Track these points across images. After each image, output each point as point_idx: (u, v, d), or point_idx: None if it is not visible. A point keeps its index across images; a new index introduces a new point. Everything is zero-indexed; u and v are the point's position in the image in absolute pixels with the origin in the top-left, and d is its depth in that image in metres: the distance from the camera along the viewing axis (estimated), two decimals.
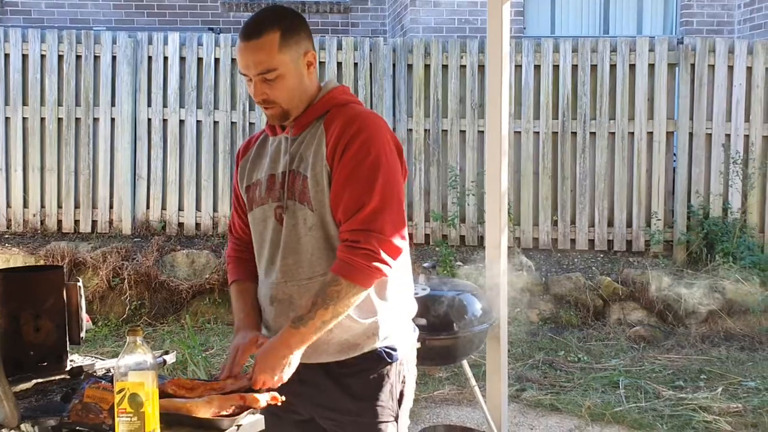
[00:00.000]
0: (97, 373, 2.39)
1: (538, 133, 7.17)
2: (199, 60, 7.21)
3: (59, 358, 2.45)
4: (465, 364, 3.58)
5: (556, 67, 7.16)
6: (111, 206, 7.20)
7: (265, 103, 2.06)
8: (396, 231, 2.00)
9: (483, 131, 6.99)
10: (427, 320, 3.15)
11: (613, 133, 7.16)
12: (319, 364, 2.09)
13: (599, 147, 7.16)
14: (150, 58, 7.21)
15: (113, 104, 7.19)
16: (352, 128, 2.02)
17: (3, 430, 1.91)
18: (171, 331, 6.22)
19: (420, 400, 4.75)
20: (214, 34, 7.42)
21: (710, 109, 7.15)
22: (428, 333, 3.07)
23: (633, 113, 7.15)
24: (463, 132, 7.19)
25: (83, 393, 1.97)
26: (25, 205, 7.19)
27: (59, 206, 7.20)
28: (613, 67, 7.15)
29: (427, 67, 7.20)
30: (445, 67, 7.19)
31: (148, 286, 6.54)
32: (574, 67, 7.15)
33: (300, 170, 2.07)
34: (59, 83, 7.17)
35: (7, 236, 7.06)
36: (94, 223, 7.21)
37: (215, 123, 7.22)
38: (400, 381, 2.14)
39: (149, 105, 7.21)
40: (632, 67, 7.14)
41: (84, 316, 2.57)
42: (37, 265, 6.03)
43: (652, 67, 7.14)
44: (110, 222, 7.20)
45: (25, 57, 7.17)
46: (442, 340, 3.27)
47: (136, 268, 6.54)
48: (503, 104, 3.46)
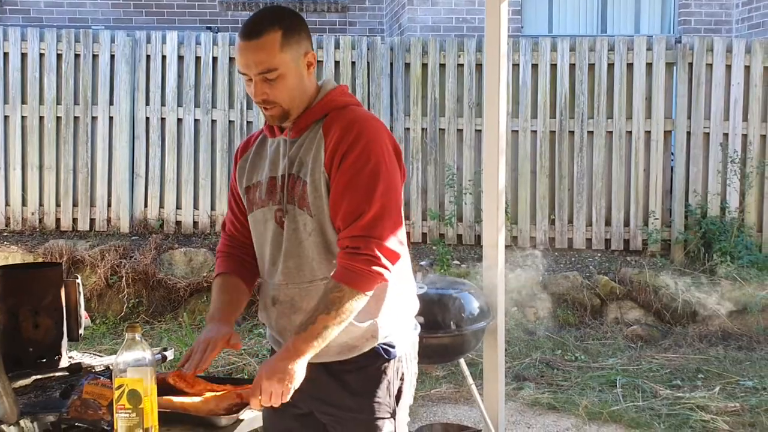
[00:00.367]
0: (96, 369, 2.40)
1: (535, 132, 7.18)
2: (197, 59, 7.21)
3: (58, 355, 2.46)
4: (462, 362, 3.59)
5: (553, 66, 7.16)
6: (109, 204, 7.20)
7: (264, 104, 2.05)
8: (395, 237, 2.01)
9: (480, 130, 6.99)
10: (424, 318, 3.15)
11: (611, 132, 7.17)
12: (320, 363, 2.10)
13: (597, 146, 7.17)
14: (148, 56, 7.20)
15: (111, 103, 7.19)
16: (350, 135, 2.01)
17: (2, 426, 1.92)
18: (168, 329, 6.22)
19: (417, 398, 4.75)
20: (212, 33, 7.42)
21: (708, 108, 7.16)
22: (425, 331, 3.07)
23: (631, 112, 7.16)
24: (460, 131, 7.19)
25: (82, 389, 1.98)
26: (24, 204, 7.19)
27: (57, 204, 7.19)
28: (610, 66, 7.15)
29: (424, 66, 7.20)
30: (442, 66, 7.19)
31: (145, 284, 6.55)
32: (572, 66, 7.16)
33: (300, 175, 2.07)
34: (58, 82, 7.17)
35: (5, 234, 7.06)
36: (92, 221, 7.21)
37: (213, 122, 7.22)
38: (398, 378, 2.14)
39: (147, 104, 7.20)
40: (630, 66, 7.15)
41: (83, 313, 2.58)
42: (36, 262, 6.04)
43: (649, 66, 7.14)
44: (108, 220, 7.20)
45: (24, 56, 7.16)
46: (440, 339, 3.28)
47: (133, 266, 6.54)
48: (501, 103, 3.47)
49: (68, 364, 2.46)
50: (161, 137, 7.21)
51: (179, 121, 7.22)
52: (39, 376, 2.35)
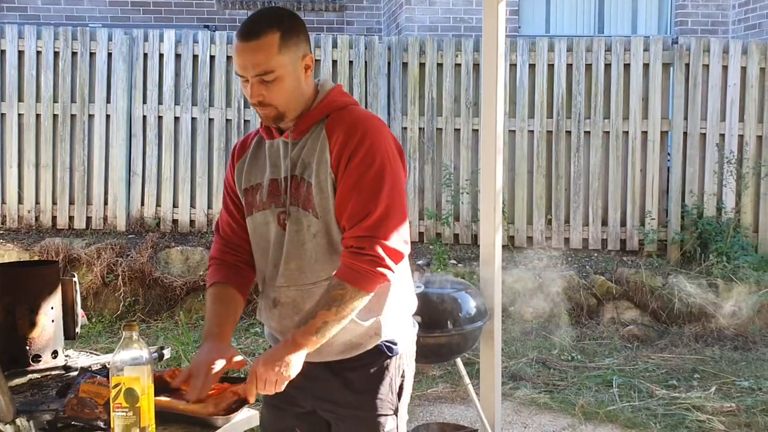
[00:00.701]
0: (93, 368, 2.39)
1: (532, 131, 7.19)
2: (195, 57, 7.20)
3: (54, 353, 2.46)
4: (459, 362, 3.59)
5: (550, 66, 7.17)
6: (106, 203, 7.19)
7: (260, 105, 2.04)
8: (399, 237, 2.02)
9: (477, 130, 6.99)
10: (421, 318, 3.15)
11: (608, 132, 7.18)
12: (323, 361, 2.10)
13: (594, 146, 7.18)
14: (146, 55, 7.20)
15: (108, 101, 7.18)
16: (356, 136, 2.01)
17: None
18: (165, 327, 6.22)
19: (413, 397, 4.73)
20: (209, 32, 7.41)
21: (705, 109, 7.17)
22: (422, 331, 3.06)
23: (627, 112, 7.17)
24: (457, 130, 7.20)
25: (78, 388, 1.98)
26: (20, 201, 7.18)
27: (54, 202, 7.19)
28: (607, 66, 7.16)
29: (422, 65, 7.20)
30: (440, 65, 7.19)
31: (142, 282, 6.54)
32: (569, 66, 7.17)
33: (304, 177, 2.06)
34: (55, 80, 7.16)
35: (1, 232, 7.05)
36: (88, 219, 7.20)
37: (210, 120, 7.22)
38: (400, 375, 2.16)
39: (144, 102, 7.20)
40: (627, 66, 7.16)
41: (79, 311, 2.58)
42: (33, 260, 6.03)
43: (646, 66, 7.15)
44: (105, 218, 7.19)
45: (21, 53, 7.15)
46: (436, 338, 3.27)
47: (130, 265, 6.54)
48: (498, 103, 3.47)
49: (64, 362, 2.46)
50: (158, 135, 7.21)
51: (176, 119, 7.21)
52: (35, 375, 2.34)
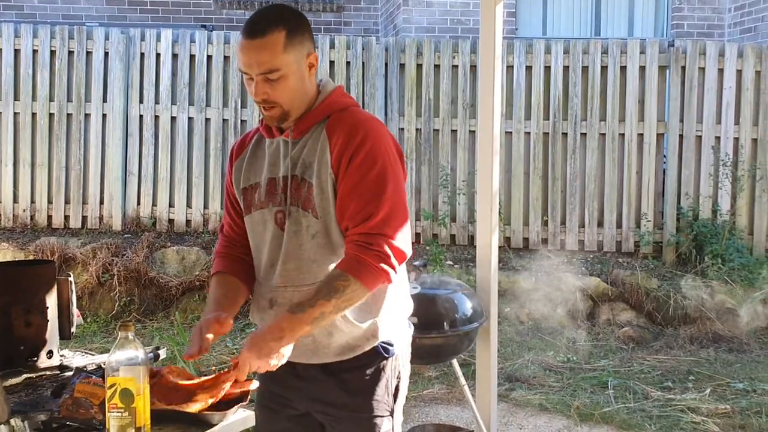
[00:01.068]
0: (88, 368, 2.39)
1: (529, 133, 7.19)
2: (192, 57, 7.19)
3: (50, 353, 2.45)
4: (455, 363, 3.59)
5: (547, 68, 7.17)
6: (101, 202, 7.18)
7: (265, 103, 2.03)
8: (404, 238, 2.01)
9: (474, 131, 7.00)
10: (417, 319, 3.16)
11: (604, 134, 7.19)
12: (318, 363, 2.09)
13: (590, 148, 7.19)
14: (142, 54, 7.19)
15: (105, 100, 7.16)
16: (357, 137, 2.00)
17: None
18: (160, 327, 6.21)
19: (409, 399, 4.73)
20: (206, 32, 7.41)
21: (700, 112, 7.18)
22: (418, 331, 3.07)
23: (624, 115, 7.18)
24: (454, 132, 7.20)
25: (74, 388, 1.97)
26: (15, 200, 7.16)
27: (49, 201, 7.17)
28: (604, 68, 7.17)
29: (419, 66, 7.20)
30: (437, 66, 7.19)
31: (137, 282, 6.53)
32: (566, 68, 7.17)
33: (305, 177, 2.05)
34: (51, 79, 7.15)
35: None
36: (84, 218, 7.18)
37: (207, 120, 7.21)
38: (396, 376, 2.15)
39: (141, 101, 7.19)
40: (623, 68, 7.17)
41: (75, 311, 2.57)
42: (28, 260, 6.01)
43: (642, 69, 7.16)
44: (100, 218, 7.17)
45: (17, 52, 7.13)
46: (432, 339, 3.28)
47: (125, 265, 6.52)
48: (495, 104, 3.47)
49: (60, 362, 2.45)
50: (155, 135, 7.20)
51: (173, 119, 7.20)
52: (30, 375, 2.34)
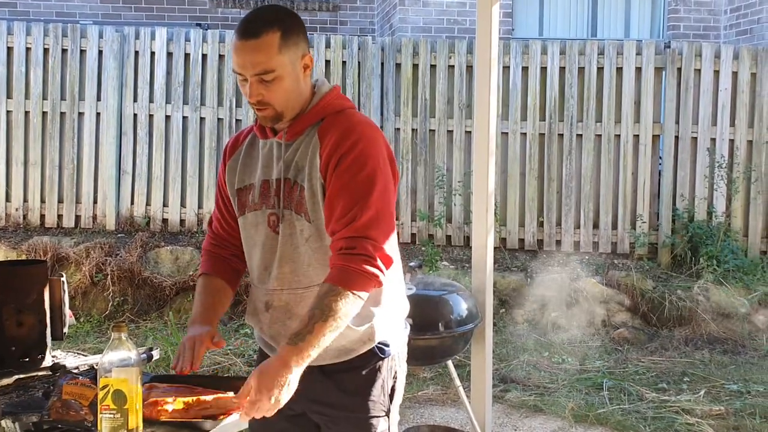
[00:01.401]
0: (81, 368, 2.37)
1: (525, 134, 7.18)
2: (186, 56, 7.16)
3: (41, 354, 2.43)
4: (450, 364, 3.58)
5: (543, 69, 7.17)
6: (95, 201, 7.14)
7: (259, 105, 2.01)
8: (389, 243, 1.99)
9: (470, 131, 6.99)
10: (412, 320, 3.15)
11: (600, 135, 7.18)
12: (315, 365, 2.08)
13: (586, 149, 7.18)
14: (137, 53, 7.15)
15: (99, 99, 7.13)
16: (348, 140, 1.99)
17: None
18: (154, 328, 6.18)
19: (404, 400, 4.71)
20: (201, 30, 7.37)
21: (696, 113, 7.19)
22: (413, 332, 3.05)
23: (619, 116, 7.17)
24: (450, 132, 7.19)
25: (61, 389, 1.95)
26: (8, 199, 7.12)
27: (42, 201, 7.13)
28: (600, 69, 7.17)
29: (415, 66, 7.19)
30: (433, 67, 7.18)
31: (131, 282, 6.49)
32: (562, 69, 7.16)
33: (297, 180, 2.04)
34: (44, 77, 7.11)
35: None
36: (77, 218, 7.15)
37: (202, 119, 7.18)
38: (392, 377, 2.14)
39: (135, 100, 7.15)
40: (619, 70, 7.16)
41: (67, 311, 2.55)
42: (21, 259, 5.98)
43: (639, 70, 7.16)
44: (94, 217, 7.14)
45: (10, 50, 7.10)
46: (428, 340, 3.27)
47: (119, 264, 6.49)
48: (491, 105, 3.46)
49: (52, 363, 2.43)
50: (149, 134, 7.17)
51: (167, 118, 7.17)
52: (22, 376, 2.32)
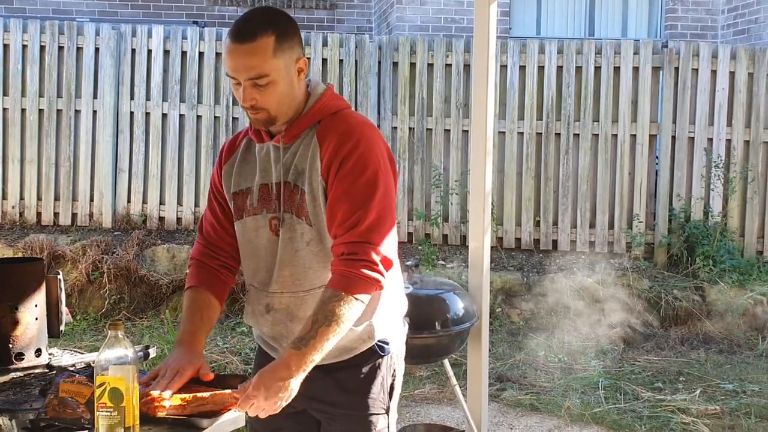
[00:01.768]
0: (77, 366, 2.37)
1: (522, 133, 7.18)
2: (183, 53, 7.15)
3: (38, 351, 2.43)
4: (446, 363, 3.58)
5: (541, 68, 7.17)
6: (91, 199, 7.13)
7: (252, 109, 2.00)
8: (390, 245, 1.99)
9: (467, 130, 6.99)
10: (409, 319, 3.15)
11: (597, 135, 7.19)
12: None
13: (582, 149, 7.19)
14: (134, 50, 7.14)
15: (95, 96, 7.12)
16: (348, 143, 1.98)
17: None
18: (150, 326, 6.17)
19: (400, 398, 4.72)
20: (198, 28, 7.36)
21: (693, 113, 7.20)
22: (410, 331, 3.05)
23: (617, 115, 7.18)
24: (447, 131, 7.19)
25: (58, 387, 1.94)
26: (4, 197, 7.11)
27: (39, 198, 7.12)
28: (597, 69, 7.17)
29: (412, 65, 7.19)
30: (430, 65, 7.18)
31: (127, 280, 6.49)
32: (559, 68, 7.17)
33: (297, 183, 2.04)
34: (41, 74, 7.09)
35: None
36: (74, 215, 7.14)
37: (198, 117, 7.17)
38: (391, 374, 2.15)
39: (132, 98, 7.14)
40: (617, 69, 7.17)
41: (64, 309, 2.54)
42: (17, 257, 5.97)
43: (636, 70, 7.17)
44: (90, 215, 7.13)
45: (6, 47, 7.08)
46: (424, 339, 3.27)
47: (115, 262, 6.48)
48: (488, 104, 3.46)
49: (48, 361, 2.43)
50: (145, 132, 7.15)
51: (164, 116, 7.16)
52: (18, 373, 2.31)
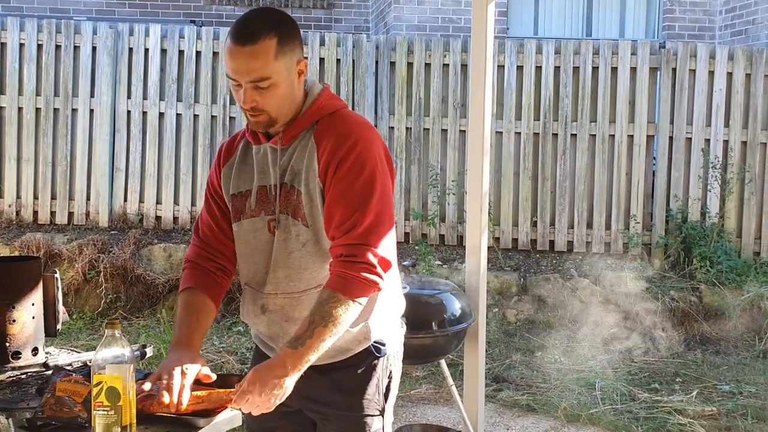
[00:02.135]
0: (74, 365, 2.36)
1: (519, 133, 7.19)
2: (180, 53, 7.14)
3: (35, 350, 2.42)
4: (442, 363, 3.58)
5: (538, 69, 7.17)
6: (88, 198, 7.12)
7: (253, 111, 1.99)
8: (388, 246, 1.99)
9: (465, 131, 6.99)
10: (405, 319, 3.15)
11: (594, 135, 7.19)
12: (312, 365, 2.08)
13: (580, 149, 7.19)
14: (131, 49, 7.13)
15: (92, 95, 7.11)
16: (345, 144, 1.98)
17: None
18: (147, 325, 6.16)
19: (397, 399, 4.72)
20: (195, 27, 7.35)
21: (690, 114, 7.20)
22: (406, 331, 3.06)
23: (614, 116, 7.19)
24: (444, 131, 7.19)
25: (54, 386, 1.94)
26: (1, 196, 7.09)
27: (35, 197, 7.10)
28: (595, 69, 7.18)
29: (410, 65, 7.18)
30: (428, 65, 7.18)
31: (124, 279, 6.48)
32: (557, 68, 7.17)
33: (294, 184, 2.03)
34: (38, 73, 7.08)
35: None
36: (70, 214, 7.12)
37: (195, 116, 7.16)
38: (387, 376, 2.15)
39: (129, 97, 7.14)
40: (614, 70, 7.17)
41: (60, 308, 2.54)
42: (14, 255, 5.96)
43: (633, 70, 7.17)
44: (87, 214, 7.12)
45: (3, 45, 7.06)
46: (420, 339, 3.27)
47: (112, 261, 6.48)
48: (486, 104, 3.46)
49: (45, 359, 2.42)
50: (142, 131, 7.15)
51: (161, 115, 7.15)
52: (15, 372, 2.31)
